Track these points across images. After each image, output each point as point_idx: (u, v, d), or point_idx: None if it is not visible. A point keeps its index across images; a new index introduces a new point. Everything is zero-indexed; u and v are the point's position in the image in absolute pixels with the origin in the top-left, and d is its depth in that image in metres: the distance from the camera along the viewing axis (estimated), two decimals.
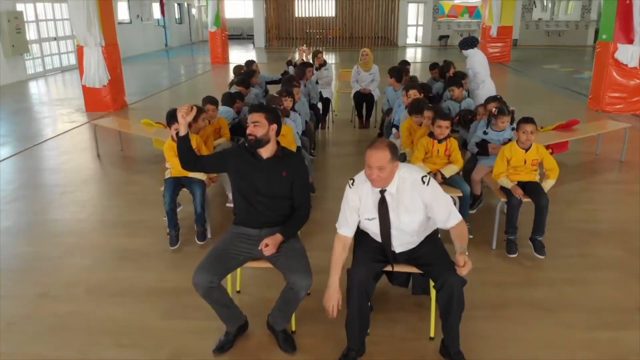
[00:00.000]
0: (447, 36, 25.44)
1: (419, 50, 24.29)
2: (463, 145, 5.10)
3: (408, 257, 2.98)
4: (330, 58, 20.72)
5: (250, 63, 7.86)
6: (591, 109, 9.73)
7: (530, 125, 4.02)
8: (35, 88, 13.69)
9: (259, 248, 2.92)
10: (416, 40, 26.76)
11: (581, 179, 5.96)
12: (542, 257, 4.07)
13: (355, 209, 2.88)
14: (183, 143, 3.05)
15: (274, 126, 3.05)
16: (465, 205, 4.30)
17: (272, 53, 23.13)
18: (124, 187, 5.96)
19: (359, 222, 2.93)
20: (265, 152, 3.06)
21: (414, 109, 4.99)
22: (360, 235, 3.05)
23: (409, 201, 2.78)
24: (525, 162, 4.13)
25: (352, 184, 2.87)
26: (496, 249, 4.26)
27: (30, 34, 15.32)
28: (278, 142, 3.13)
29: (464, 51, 7.04)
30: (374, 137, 7.93)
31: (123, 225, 4.83)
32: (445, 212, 2.78)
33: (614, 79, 9.32)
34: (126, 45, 19.34)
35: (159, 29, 25.06)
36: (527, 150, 4.11)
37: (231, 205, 3.96)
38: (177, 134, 3.07)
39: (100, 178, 6.31)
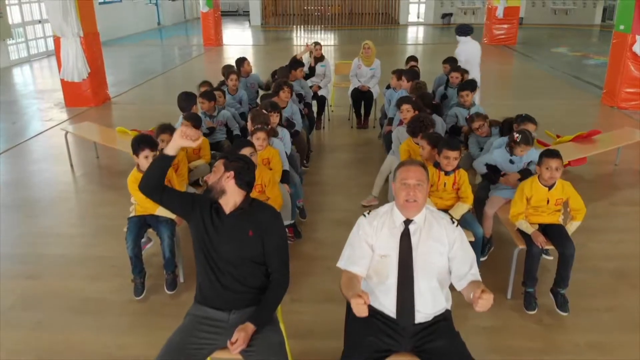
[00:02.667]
0: (451, 14, 24.42)
1: (421, 29, 23.35)
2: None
3: (417, 345, 2.43)
4: (328, 38, 19.90)
5: (240, 61, 7.00)
6: (605, 104, 9.06)
7: (556, 161, 3.40)
8: (18, 76, 12.92)
9: (227, 343, 2.34)
10: (418, 17, 25.77)
11: (601, 198, 5.34)
12: (564, 314, 3.51)
13: (368, 242, 2.45)
14: (163, 162, 2.47)
15: (230, 174, 2.45)
16: (477, 251, 3.68)
17: (268, 32, 22.24)
18: (94, 209, 5.36)
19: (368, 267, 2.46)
20: (226, 205, 2.49)
21: (413, 130, 4.37)
22: (351, 327, 2.49)
23: (436, 231, 2.44)
24: (548, 201, 3.53)
25: (368, 213, 2.54)
26: (512, 298, 3.69)
27: (13, 17, 14.50)
28: (247, 194, 2.54)
29: (457, 36, 7.42)
30: (373, 139, 7.33)
31: (86, 262, 4.25)
32: (467, 264, 2.40)
33: (631, 73, 8.58)
34: (115, 26, 18.59)
35: (151, 7, 24.08)
36: (550, 188, 3.52)
37: None
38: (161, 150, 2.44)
39: (70, 196, 5.70)
